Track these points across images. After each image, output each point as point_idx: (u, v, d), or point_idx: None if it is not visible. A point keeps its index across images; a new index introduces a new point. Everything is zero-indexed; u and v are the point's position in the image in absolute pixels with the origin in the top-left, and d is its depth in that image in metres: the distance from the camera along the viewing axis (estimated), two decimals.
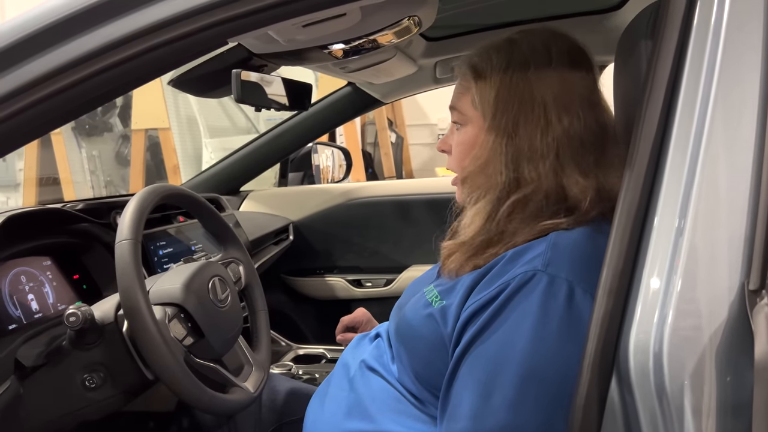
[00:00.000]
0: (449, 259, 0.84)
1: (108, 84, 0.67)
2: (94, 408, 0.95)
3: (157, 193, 0.97)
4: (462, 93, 0.90)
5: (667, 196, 0.57)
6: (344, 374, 0.94)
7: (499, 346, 0.72)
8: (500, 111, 0.83)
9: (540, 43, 0.86)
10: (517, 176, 0.82)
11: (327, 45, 1.24)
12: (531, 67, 0.84)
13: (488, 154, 0.84)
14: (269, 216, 2.04)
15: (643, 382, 0.53)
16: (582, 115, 0.83)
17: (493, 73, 0.85)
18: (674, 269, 0.54)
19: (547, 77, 0.84)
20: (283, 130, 1.99)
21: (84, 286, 1.19)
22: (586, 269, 0.73)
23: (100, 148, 4.91)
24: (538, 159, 0.81)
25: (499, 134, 0.83)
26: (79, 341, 0.92)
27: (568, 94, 0.83)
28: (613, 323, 0.57)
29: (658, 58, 0.59)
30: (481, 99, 0.86)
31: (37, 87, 0.66)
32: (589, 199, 0.79)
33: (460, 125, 0.90)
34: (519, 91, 0.83)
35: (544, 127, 0.82)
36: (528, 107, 0.82)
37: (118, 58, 0.65)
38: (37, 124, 0.68)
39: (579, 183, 0.80)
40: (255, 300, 1.16)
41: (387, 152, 5.05)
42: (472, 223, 0.83)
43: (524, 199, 0.80)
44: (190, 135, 4.47)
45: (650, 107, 0.58)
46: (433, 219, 2.01)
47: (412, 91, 1.91)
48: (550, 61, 0.84)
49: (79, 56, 0.65)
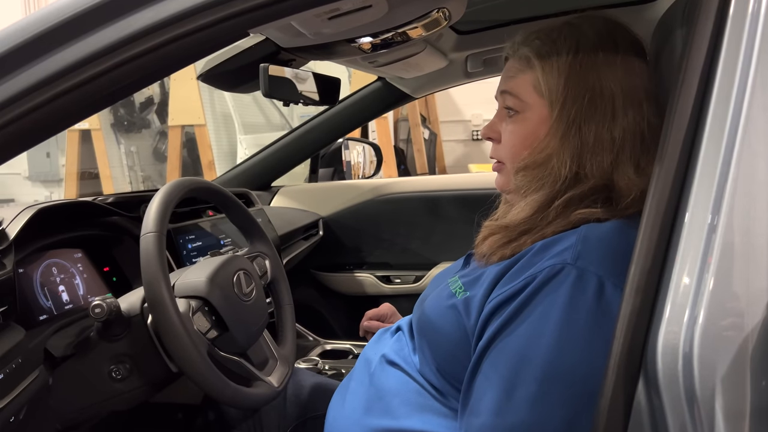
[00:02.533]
0: (485, 241, 0.81)
1: (126, 78, 0.67)
2: (120, 399, 0.96)
3: (182, 186, 0.98)
4: (520, 77, 0.83)
5: (699, 190, 0.54)
6: (365, 369, 0.93)
7: (524, 340, 0.70)
8: (570, 100, 0.79)
9: (605, 30, 0.82)
10: (578, 170, 0.78)
11: (354, 38, 1.24)
12: (599, 54, 0.79)
13: (555, 146, 0.79)
14: (299, 211, 2.04)
15: (672, 384, 0.50)
16: (645, 108, 0.79)
17: (561, 58, 0.79)
18: (706, 267, 0.51)
19: (614, 66, 0.79)
20: (313, 126, 1.99)
21: (114, 279, 1.21)
22: (617, 263, 0.70)
23: (138, 144, 5.01)
24: (602, 153, 0.78)
25: (567, 125, 0.79)
26: (106, 333, 0.93)
27: (633, 85, 0.80)
28: (640, 322, 0.54)
29: (692, 46, 0.56)
30: (548, 85, 0.80)
31: (58, 81, 0.66)
32: (633, 196, 0.76)
33: (516, 112, 0.84)
34: (589, 79, 0.79)
35: (611, 120, 0.78)
36: (597, 97, 0.78)
37: (136, 51, 0.65)
38: (58, 118, 0.68)
39: (629, 179, 0.77)
40: (281, 294, 1.16)
41: (420, 149, 5.03)
42: (521, 212, 0.79)
43: (581, 195, 0.77)
44: (225, 131, 4.53)
45: (683, 97, 0.55)
46: (464, 215, 1.98)
47: (443, 86, 1.88)
48: (617, 50, 0.80)
49: (98, 50, 0.65)
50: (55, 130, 0.70)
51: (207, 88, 4.40)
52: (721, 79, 0.54)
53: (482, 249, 0.82)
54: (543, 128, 0.81)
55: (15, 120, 0.65)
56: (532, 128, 0.82)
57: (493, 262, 0.79)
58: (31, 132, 0.67)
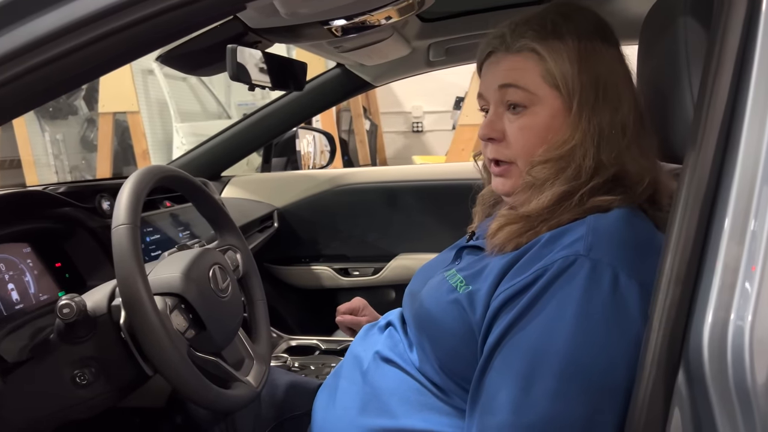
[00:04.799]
0: (502, 230, 0.78)
1: (111, 50, 0.60)
2: (83, 406, 0.88)
3: (153, 174, 0.90)
4: (523, 69, 0.79)
5: (744, 170, 0.52)
6: (356, 367, 0.89)
7: (539, 334, 0.67)
8: (587, 88, 0.76)
9: (592, 17, 0.81)
10: (599, 159, 0.76)
11: (328, 20, 1.19)
12: (597, 40, 0.79)
13: (578, 138, 0.76)
14: (253, 202, 1.96)
15: (720, 379, 0.48)
16: (635, 90, 0.80)
17: (567, 46, 0.77)
18: (756, 253, 0.49)
19: (610, 51, 0.80)
20: (267, 113, 1.91)
21: (67, 275, 1.11)
22: (628, 254, 0.69)
23: (65, 132, 4.72)
24: (616, 139, 0.76)
25: (587, 115, 0.76)
26: (69, 334, 0.84)
27: (625, 69, 0.81)
28: (680, 314, 0.52)
29: (724, 36, 0.54)
30: (563, 74, 0.77)
31: (27, 54, 0.58)
32: (646, 182, 0.76)
33: (523, 107, 0.79)
34: (597, 65, 0.78)
35: (618, 103, 0.77)
36: (607, 82, 0.77)
37: (124, 21, 0.58)
38: (27, 95, 0.61)
39: (637, 162, 0.77)
40: (253, 289, 1.10)
41: (363, 140, 4.99)
42: (544, 201, 0.75)
43: (603, 183, 0.75)
44: (160, 119, 4.33)
45: (719, 81, 0.53)
46: (422, 207, 1.96)
47: (404, 74, 1.85)
48: (606, 35, 0.80)
49: (75, 21, 0.58)
50: (23, 108, 0.62)
51: (141, 73, 4.20)
52: (760, 66, 0.52)
53: (499, 238, 0.77)
54: (557, 120, 0.78)
55: None
56: (546, 121, 0.78)
57: (508, 251, 0.76)
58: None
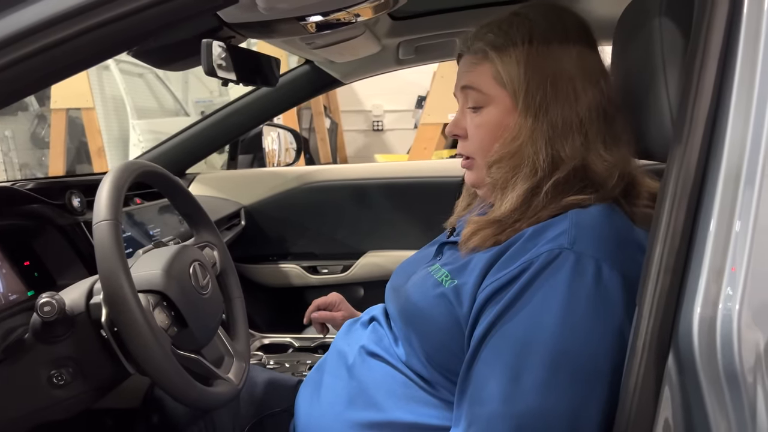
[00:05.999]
0: (475, 235, 0.80)
1: (104, 41, 0.59)
2: (59, 407, 0.86)
3: (132, 170, 0.88)
4: (478, 71, 0.84)
5: (729, 163, 0.54)
6: (340, 362, 0.89)
7: (527, 326, 0.69)
8: (533, 87, 0.80)
9: (555, 17, 0.84)
10: (554, 154, 0.79)
11: (304, 17, 1.18)
12: (553, 40, 0.81)
13: (525, 134, 0.80)
14: (219, 200, 1.94)
15: (710, 363, 0.51)
16: (603, 86, 0.82)
17: (517, 48, 0.81)
18: (741, 242, 0.51)
19: (568, 50, 0.81)
20: (234, 110, 1.88)
21: (36, 274, 1.08)
22: (609, 246, 0.72)
23: (14, 128, 4.54)
24: (572, 134, 0.79)
25: (534, 112, 0.79)
26: (46, 334, 0.82)
27: (589, 66, 0.82)
28: (670, 302, 0.55)
29: (708, 38, 0.56)
30: (509, 76, 0.81)
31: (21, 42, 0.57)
32: (617, 176, 0.78)
33: (479, 107, 0.85)
34: (547, 63, 0.80)
35: (573, 100, 0.80)
36: (558, 80, 0.80)
37: (102, 18, 0.57)
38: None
39: (603, 158, 0.79)
40: (231, 287, 1.09)
41: (323, 138, 4.97)
42: (509, 203, 0.79)
43: (564, 178, 0.78)
44: (116, 116, 4.22)
45: (702, 82, 0.56)
46: (391, 203, 1.97)
47: (373, 72, 1.85)
48: (567, 34, 0.82)
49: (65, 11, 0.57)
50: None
51: (95, 68, 4.08)
52: (742, 67, 0.54)
53: (473, 243, 0.80)
54: (510, 118, 0.82)
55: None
56: (499, 120, 0.83)
57: (487, 248, 0.78)
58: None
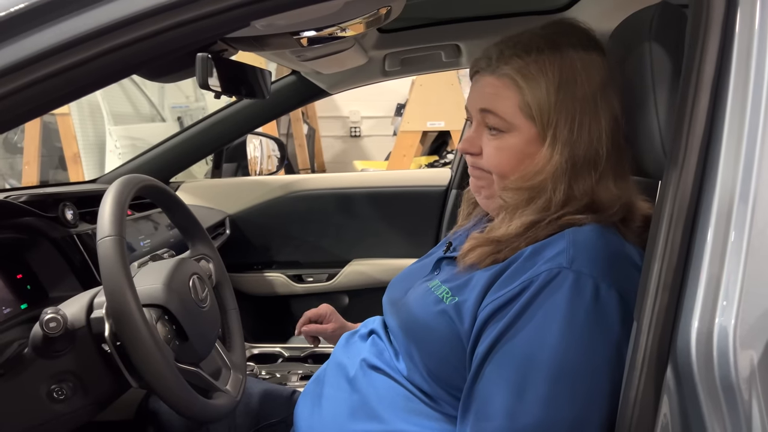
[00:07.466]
0: (473, 252, 0.81)
1: (123, 61, 0.60)
2: (59, 422, 0.86)
3: (133, 184, 0.89)
4: (503, 97, 0.81)
5: (724, 181, 0.55)
6: (341, 374, 0.90)
7: (529, 343, 0.71)
8: (562, 120, 0.78)
9: (582, 40, 0.81)
10: (569, 192, 0.78)
11: (300, 31, 1.20)
12: (581, 68, 0.79)
13: (549, 170, 0.78)
14: (204, 209, 1.93)
15: (707, 375, 0.53)
16: (619, 117, 0.80)
17: (547, 77, 0.78)
18: (737, 256, 0.54)
19: (593, 78, 0.79)
20: (219, 119, 1.89)
21: (28, 287, 1.07)
22: (606, 265, 0.74)
23: None
24: (588, 171, 0.78)
25: (560, 148, 0.78)
26: (47, 348, 0.82)
27: (608, 95, 0.80)
28: (668, 316, 0.57)
29: (704, 53, 0.58)
30: (539, 108, 0.78)
31: (36, 64, 0.58)
32: (617, 208, 0.79)
33: (499, 131, 0.82)
34: (576, 95, 0.78)
35: (596, 132, 0.78)
36: (584, 113, 0.78)
37: (138, 34, 0.58)
38: (32, 106, 0.60)
39: (611, 191, 0.79)
40: (226, 299, 1.10)
41: (302, 144, 4.96)
42: (513, 228, 0.79)
43: (572, 212, 0.78)
44: (92, 121, 4.16)
45: (697, 104, 0.58)
46: (376, 212, 1.99)
47: (360, 83, 1.87)
48: (593, 60, 0.80)
49: (90, 31, 0.58)
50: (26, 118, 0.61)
51: None
52: (735, 89, 0.57)
53: (471, 259, 0.81)
54: (533, 148, 0.80)
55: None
56: (520, 148, 0.81)
57: (486, 266, 0.80)
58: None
